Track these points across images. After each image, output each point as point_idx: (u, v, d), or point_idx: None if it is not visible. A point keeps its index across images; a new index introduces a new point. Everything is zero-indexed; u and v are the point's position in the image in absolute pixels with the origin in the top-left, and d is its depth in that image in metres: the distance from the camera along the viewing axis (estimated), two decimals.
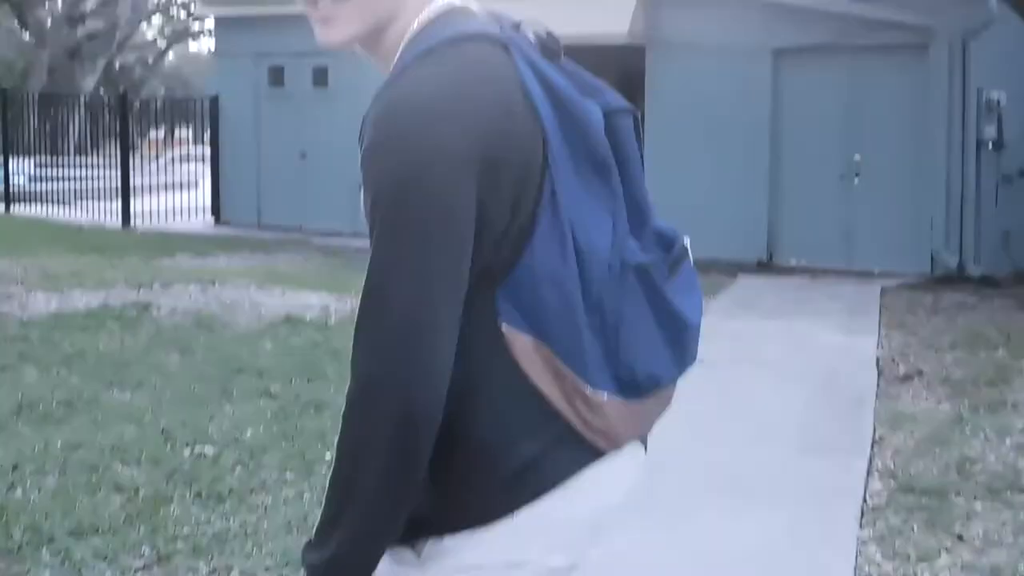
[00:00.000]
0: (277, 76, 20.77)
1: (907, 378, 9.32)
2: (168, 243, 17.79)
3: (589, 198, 1.99)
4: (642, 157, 2.16)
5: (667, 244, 2.14)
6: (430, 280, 1.84)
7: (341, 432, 1.90)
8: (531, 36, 2.08)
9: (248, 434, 7.05)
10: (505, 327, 1.95)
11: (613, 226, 2.01)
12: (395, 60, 2.01)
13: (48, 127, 24.78)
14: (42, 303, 11.10)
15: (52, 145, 24.82)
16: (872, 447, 7.39)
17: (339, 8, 2.04)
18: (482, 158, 1.86)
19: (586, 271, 1.96)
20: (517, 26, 2.08)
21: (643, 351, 2.04)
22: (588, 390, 1.97)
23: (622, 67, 16.90)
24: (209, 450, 6.73)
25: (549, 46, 2.08)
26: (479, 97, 1.90)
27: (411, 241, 1.83)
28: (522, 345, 1.96)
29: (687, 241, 2.18)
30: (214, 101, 21.70)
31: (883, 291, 14.08)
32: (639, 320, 2.03)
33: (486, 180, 1.86)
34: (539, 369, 1.97)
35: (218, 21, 22.63)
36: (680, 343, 2.11)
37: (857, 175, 16.09)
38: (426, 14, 2.04)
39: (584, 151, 2.00)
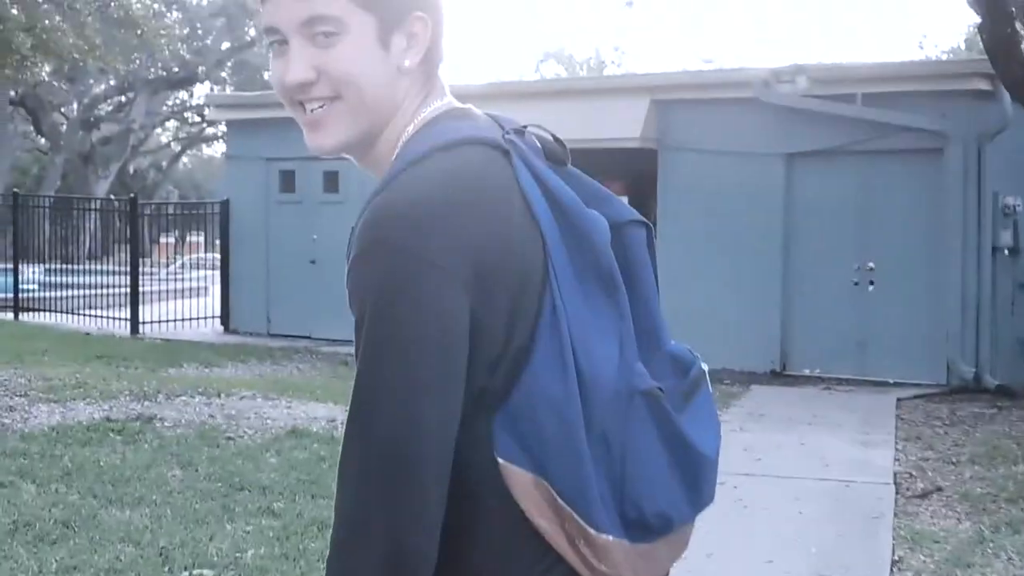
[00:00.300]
0: (288, 180, 20.54)
1: (925, 494, 9.11)
2: (175, 352, 17.66)
3: (593, 316, 1.83)
4: (655, 271, 2.00)
5: (682, 369, 1.99)
6: (420, 407, 1.69)
7: None
8: (536, 141, 1.95)
9: (249, 555, 6.85)
10: (502, 461, 1.79)
11: (620, 347, 1.84)
12: (389, 165, 1.88)
13: (60, 232, 24.78)
14: (44, 415, 10.94)
15: (64, 251, 24.82)
16: (891, 569, 7.18)
17: (329, 110, 1.92)
18: (475, 269, 1.71)
19: (589, 397, 1.78)
20: (522, 131, 1.95)
21: (652, 487, 1.85)
22: (592, 531, 1.79)
23: (635, 168, 16.87)
24: (208, 572, 6.54)
25: (555, 152, 1.97)
26: (472, 205, 1.76)
27: (399, 361, 1.69)
28: (520, 480, 1.79)
29: (704, 366, 2.02)
30: (224, 205, 21.52)
31: (899, 402, 13.88)
32: (648, 452, 1.85)
33: (479, 293, 1.72)
34: (538, 507, 1.80)
35: (229, 124, 22.65)
36: (694, 479, 1.92)
37: (872, 283, 15.93)
38: (422, 117, 1.93)
39: (589, 264, 1.85)
